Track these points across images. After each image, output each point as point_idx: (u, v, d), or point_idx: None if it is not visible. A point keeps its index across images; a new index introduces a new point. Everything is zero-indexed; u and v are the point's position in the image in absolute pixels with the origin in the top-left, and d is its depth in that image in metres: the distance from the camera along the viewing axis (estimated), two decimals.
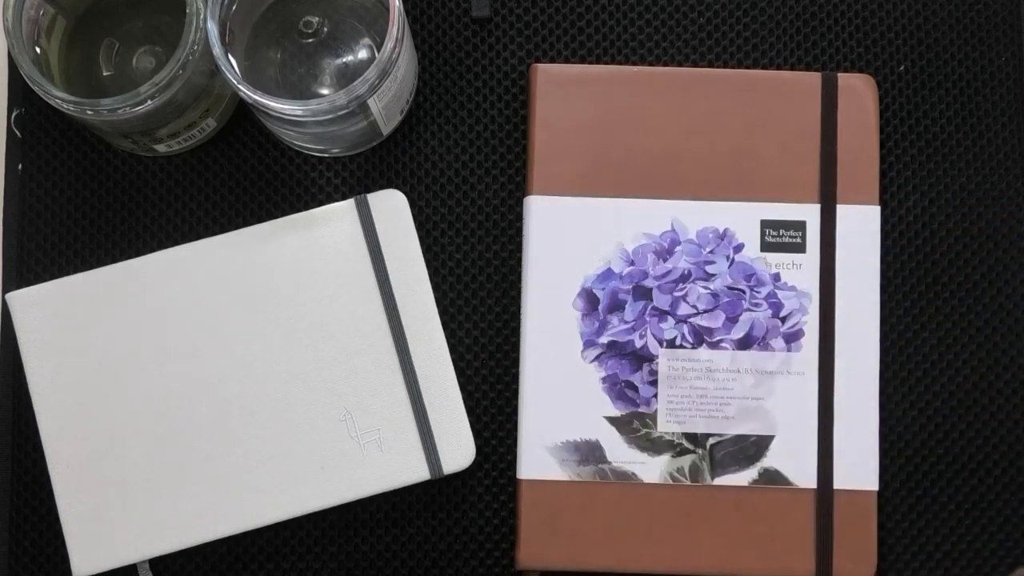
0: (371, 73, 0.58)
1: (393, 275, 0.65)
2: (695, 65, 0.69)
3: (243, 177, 0.69)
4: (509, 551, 0.66)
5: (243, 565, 0.66)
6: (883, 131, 0.69)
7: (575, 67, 0.67)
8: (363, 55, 0.65)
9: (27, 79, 0.59)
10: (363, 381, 0.64)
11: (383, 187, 0.68)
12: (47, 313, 0.64)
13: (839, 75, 0.67)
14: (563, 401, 0.65)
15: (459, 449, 0.64)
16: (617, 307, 0.66)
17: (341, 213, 0.65)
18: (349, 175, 0.68)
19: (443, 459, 0.63)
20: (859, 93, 0.67)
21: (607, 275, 0.66)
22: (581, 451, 0.65)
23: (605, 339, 0.65)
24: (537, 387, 0.65)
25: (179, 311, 0.64)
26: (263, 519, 0.63)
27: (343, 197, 0.68)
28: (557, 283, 0.66)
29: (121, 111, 0.59)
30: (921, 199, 0.68)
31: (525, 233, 0.67)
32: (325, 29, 0.65)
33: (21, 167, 0.68)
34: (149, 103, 0.59)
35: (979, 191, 0.68)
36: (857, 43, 0.69)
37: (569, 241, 0.66)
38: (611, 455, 0.65)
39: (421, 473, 0.63)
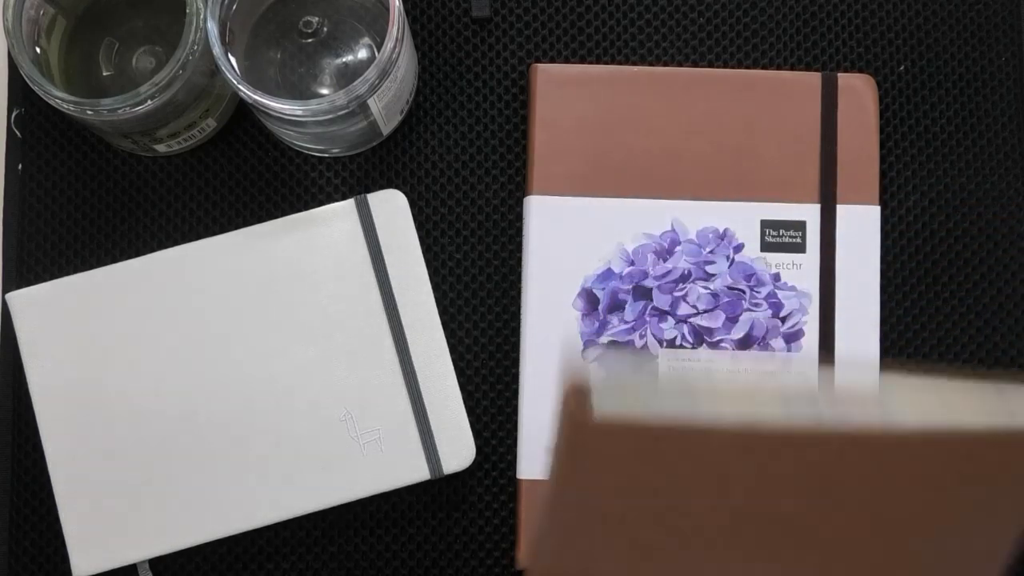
0: (371, 73, 0.58)
1: (393, 275, 0.65)
2: (695, 65, 0.69)
3: (243, 177, 0.69)
4: (509, 551, 0.66)
5: (243, 565, 0.66)
6: (883, 131, 0.69)
7: (575, 67, 0.67)
8: (363, 55, 0.65)
9: (27, 79, 0.59)
10: (363, 381, 0.64)
11: (383, 187, 0.68)
12: (47, 313, 0.64)
13: (839, 75, 0.67)
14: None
15: (459, 449, 0.64)
16: (617, 307, 0.66)
17: (341, 213, 0.65)
18: (349, 175, 0.68)
19: (443, 459, 0.63)
20: (859, 93, 0.67)
21: (607, 275, 0.66)
22: None
23: (605, 339, 0.65)
24: (537, 387, 0.65)
25: (179, 311, 0.64)
26: (263, 519, 0.63)
27: (343, 197, 0.68)
28: (557, 283, 0.66)
29: (121, 111, 0.59)
30: (921, 199, 0.68)
31: (525, 233, 0.67)
32: (325, 29, 0.65)
33: (21, 167, 0.68)
34: (149, 103, 0.59)
35: (979, 191, 0.68)
36: (857, 43, 0.69)
37: (569, 241, 0.66)
38: None
39: (421, 473, 0.63)
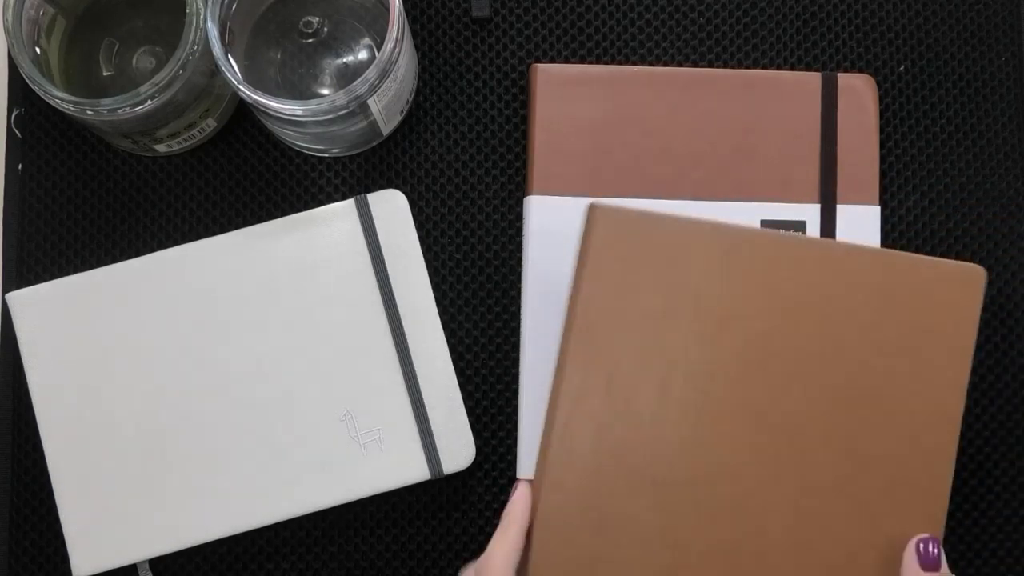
0: (371, 73, 0.58)
1: (393, 275, 0.65)
2: (695, 65, 0.69)
3: (243, 177, 0.68)
4: None
5: (243, 565, 0.66)
6: (883, 131, 0.69)
7: (575, 67, 0.67)
8: (363, 55, 0.65)
9: (27, 79, 0.59)
10: (363, 381, 0.64)
11: (383, 187, 0.68)
12: (47, 313, 0.64)
13: (839, 75, 0.67)
14: None
15: (459, 449, 0.64)
16: None
17: (341, 213, 0.65)
18: (349, 175, 0.68)
19: (443, 459, 0.63)
20: (859, 93, 0.67)
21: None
22: None
23: None
24: (536, 386, 0.65)
25: (179, 311, 0.64)
26: (263, 519, 0.63)
27: (343, 197, 0.68)
28: (556, 282, 0.66)
29: (121, 111, 0.59)
30: (921, 199, 0.68)
31: (525, 233, 0.66)
32: (325, 29, 0.65)
33: (21, 167, 0.68)
34: (149, 103, 0.59)
35: (979, 191, 0.68)
36: (857, 43, 0.69)
37: (569, 241, 0.66)
38: None
39: (421, 473, 0.63)
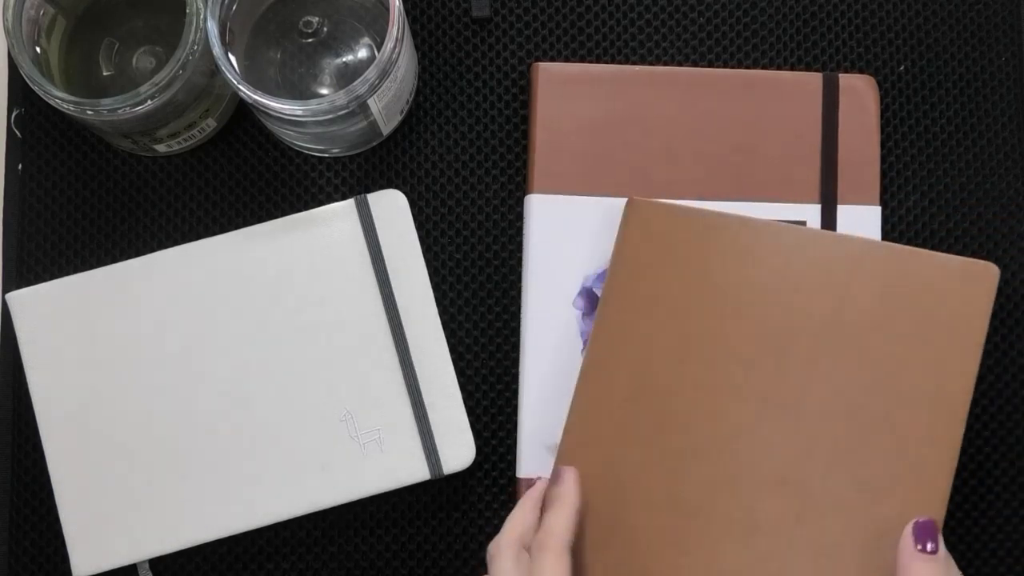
0: (371, 73, 0.58)
1: (393, 275, 0.65)
2: (695, 65, 0.69)
3: (243, 177, 0.68)
4: None
5: (243, 565, 0.66)
6: (883, 131, 0.69)
7: (577, 66, 0.67)
8: (363, 55, 0.65)
9: (27, 79, 0.59)
10: (363, 381, 0.64)
11: (383, 187, 0.68)
12: (47, 313, 0.64)
13: (840, 75, 0.67)
14: (563, 400, 0.65)
15: (459, 449, 0.64)
16: None
17: (341, 213, 0.65)
18: (349, 175, 0.68)
19: (443, 459, 0.63)
20: (860, 94, 0.67)
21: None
22: None
23: None
24: (537, 386, 0.65)
25: (179, 311, 0.64)
26: (263, 519, 0.63)
27: (343, 197, 0.68)
28: (557, 282, 0.66)
29: (121, 111, 0.59)
30: (921, 199, 0.68)
31: (526, 232, 0.66)
32: (325, 29, 0.65)
33: (21, 167, 0.68)
34: (149, 103, 0.59)
35: (979, 191, 0.68)
36: (857, 43, 0.69)
37: (570, 240, 0.66)
38: None
39: (421, 473, 0.63)
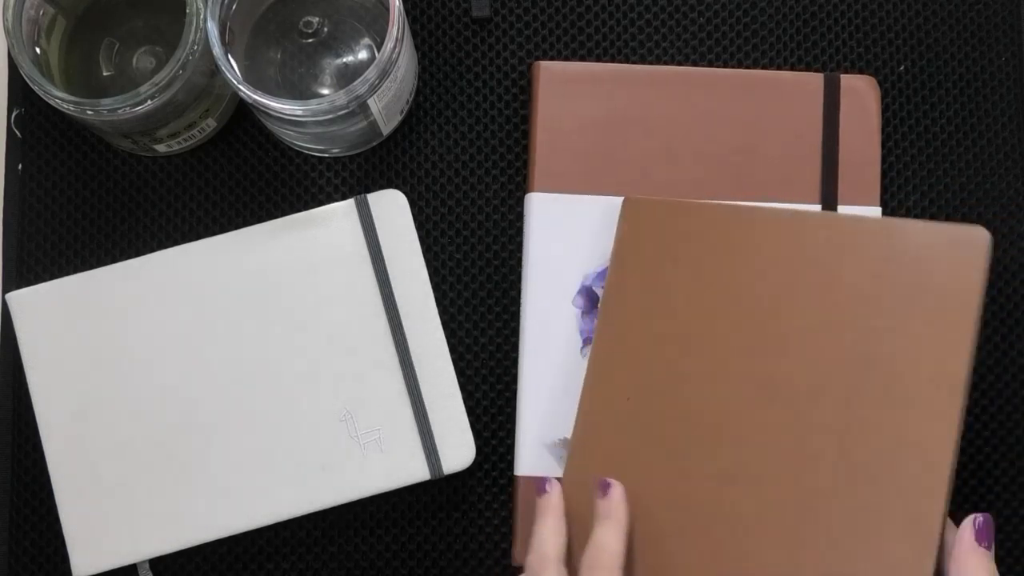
0: (371, 73, 0.58)
1: (393, 275, 0.65)
2: (695, 65, 0.69)
3: (243, 177, 0.68)
4: (509, 551, 0.66)
5: (243, 565, 0.66)
6: (883, 131, 0.69)
7: (578, 65, 0.67)
8: (363, 55, 0.65)
9: (27, 79, 0.59)
10: (363, 381, 0.64)
11: (383, 187, 0.68)
12: (47, 313, 0.64)
13: (841, 76, 0.67)
14: (562, 399, 0.65)
15: (459, 449, 0.64)
16: None
17: (341, 213, 0.65)
18: (349, 175, 0.68)
19: (443, 459, 0.63)
20: (861, 94, 0.67)
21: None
22: None
23: None
24: (536, 385, 0.65)
25: (179, 311, 0.64)
26: (263, 519, 0.63)
27: (343, 197, 0.68)
28: (557, 280, 0.66)
29: (121, 111, 0.59)
30: (921, 199, 0.68)
31: (526, 230, 0.66)
32: (325, 29, 0.65)
33: (21, 167, 0.68)
34: (149, 103, 0.59)
35: (979, 191, 0.68)
36: (857, 43, 0.69)
37: (570, 238, 0.66)
38: None
39: (421, 473, 0.63)
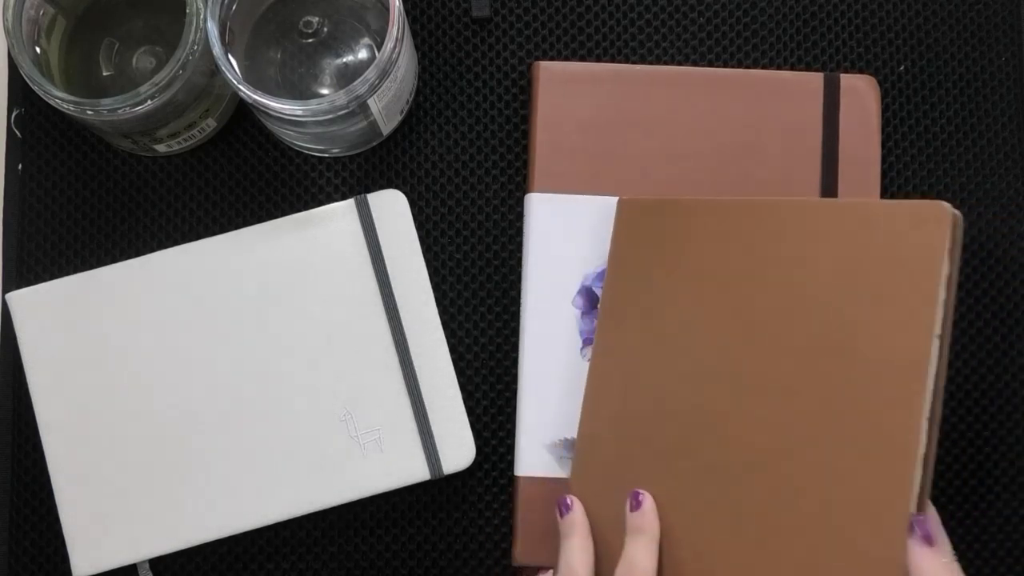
0: (371, 73, 0.58)
1: (393, 275, 0.65)
2: (695, 65, 0.69)
3: (243, 177, 0.68)
4: (509, 551, 0.66)
5: (243, 565, 0.66)
6: (883, 131, 0.69)
7: (578, 65, 0.67)
8: (363, 55, 0.65)
9: (27, 79, 0.59)
10: (363, 381, 0.64)
11: (383, 187, 0.68)
12: (47, 313, 0.64)
13: (841, 76, 0.67)
14: (562, 399, 0.65)
15: (459, 449, 0.64)
16: None
17: (341, 213, 0.65)
18: (349, 175, 0.68)
19: (443, 459, 0.63)
20: (861, 94, 0.67)
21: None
22: None
23: None
24: (536, 385, 0.65)
25: (179, 311, 0.64)
26: (263, 519, 0.63)
27: (343, 197, 0.68)
28: (557, 281, 0.66)
29: (121, 111, 0.59)
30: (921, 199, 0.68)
31: (526, 230, 0.66)
32: (325, 29, 0.65)
33: (21, 167, 0.68)
34: (149, 103, 0.59)
35: (979, 191, 0.68)
36: (857, 43, 0.69)
37: (570, 239, 0.66)
38: None
39: (421, 473, 0.63)
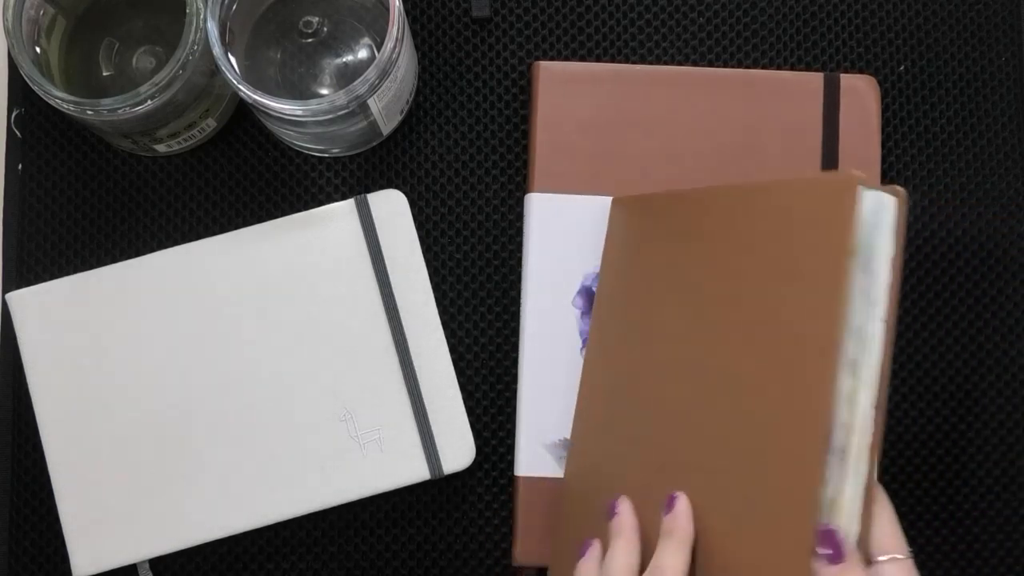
0: (371, 73, 0.58)
1: (393, 275, 0.65)
2: (695, 65, 0.69)
3: (243, 177, 0.68)
4: (509, 550, 0.66)
5: (243, 565, 0.66)
6: (883, 131, 0.69)
7: (578, 65, 0.67)
8: (363, 55, 0.65)
9: (27, 79, 0.59)
10: (363, 381, 0.64)
11: (383, 187, 0.68)
12: (47, 313, 0.64)
13: (841, 76, 0.67)
14: (562, 399, 0.65)
15: (459, 449, 0.64)
16: None
17: (341, 213, 0.65)
18: (349, 175, 0.68)
19: (443, 459, 0.63)
20: (861, 94, 0.67)
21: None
22: None
23: None
24: (536, 385, 0.65)
25: (179, 311, 0.64)
26: (263, 519, 0.63)
27: (343, 197, 0.68)
28: (557, 281, 0.66)
29: (121, 111, 0.59)
30: (921, 199, 0.68)
31: (525, 230, 0.66)
32: (325, 29, 0.65)
33: (21, 167, 0.68)
34: (149, 103, 0.59)
35: (979, 191, 0.68)
36: (857, 43, 0.69)
37: (570, 239, 0.66)
38: None
39: (421, 473, 0.63)
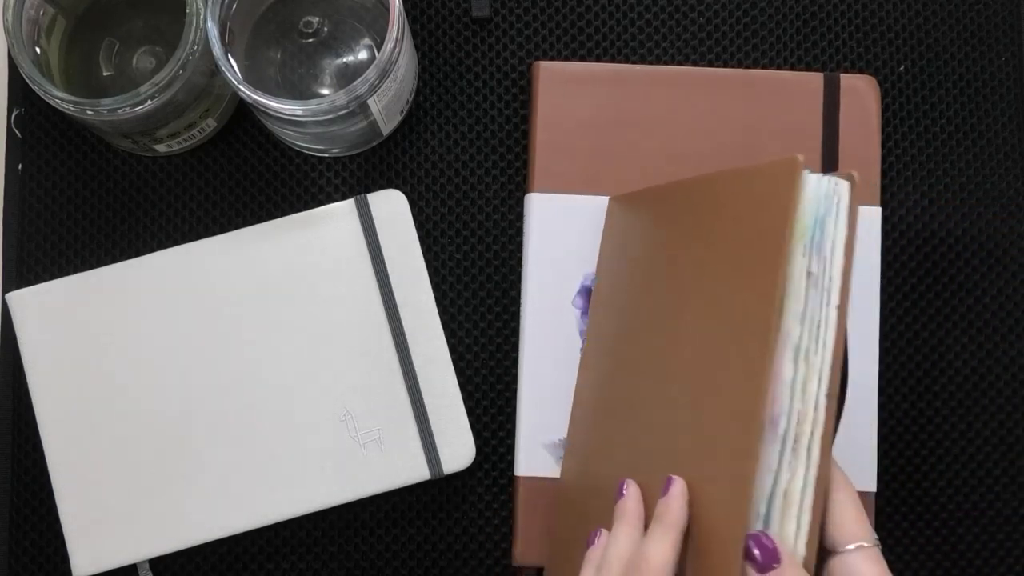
0: (371, 73, 0.58)
1: (393, 275, 0.65)
2: (695, 65, 0.69)
3: (243, 177, 0.68)
4: (509, 551, 0.66)
5: (243, 565, 0.66)
6: (883, 131, 0.69)
7: (578, 65, 0.67)
8: (363, 55, 0.65)
9: (27, 79, 0.59)
10: (363, 381, 0.64)
11: (383, 187, 0.68)
12: (47, 313, 0.64)
13: (841, 76, 0.67)
14: (561, 399, 0.65)
15: (459, 449, 0.64)
16: None
17: (341, 213, 0.65)
18: (349, 175, 0.68)
19: (443, 459, 0.63)
20: (861, 94, 0.67)
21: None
22: None
23: None
24: (536, 385, 0.65)
25: (179, 311, 0.64)
26: (263, 519, 0.63)
27: (343, 197, 0.68)
28: (557, 281, 0.66)
29: (121, 111, 0.59)
30: (921, 199, 0.68)
31: (525, 230, 0.66)
32: (325, 29, 0.65)
33: (21, 167, 0.68)
34: (149, 103, 0.59)
35: (979, 191, 0.68)
36: (857, 43, 0.69)
37: (569, 239, 0.66)
38: None
39: (421, 473, 0.63)
